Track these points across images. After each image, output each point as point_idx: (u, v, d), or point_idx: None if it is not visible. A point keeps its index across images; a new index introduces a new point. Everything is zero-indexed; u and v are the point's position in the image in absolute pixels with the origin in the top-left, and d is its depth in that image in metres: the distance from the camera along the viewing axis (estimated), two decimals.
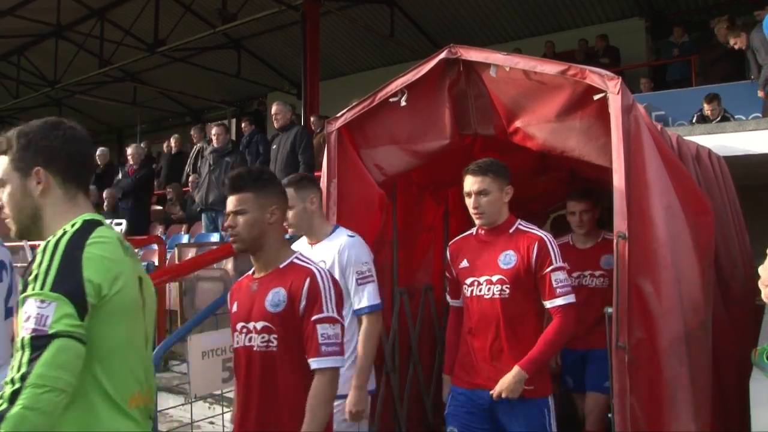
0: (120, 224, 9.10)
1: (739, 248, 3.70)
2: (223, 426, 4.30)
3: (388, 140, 3.55)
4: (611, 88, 2.71)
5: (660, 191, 2.74)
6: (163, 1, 13.39)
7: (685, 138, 3.83)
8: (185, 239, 8.97)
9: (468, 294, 3.06)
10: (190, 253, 7.12)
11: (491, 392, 2.84)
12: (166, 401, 4.93)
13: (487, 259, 3.00)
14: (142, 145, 11.48)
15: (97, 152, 11.22)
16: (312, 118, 10.29)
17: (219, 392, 4.25)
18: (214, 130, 8.46)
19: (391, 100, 3.40)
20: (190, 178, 10.04)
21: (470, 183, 2.98)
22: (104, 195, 9.99)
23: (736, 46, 8.08)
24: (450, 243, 3.32)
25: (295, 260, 2.43)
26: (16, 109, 19.67)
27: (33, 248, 8.39)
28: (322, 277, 2.34)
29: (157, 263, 6.50)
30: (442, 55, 3.24)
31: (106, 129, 22.46)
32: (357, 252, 3.12)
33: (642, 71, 11.84)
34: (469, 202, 2.99)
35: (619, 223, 2.66)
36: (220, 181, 7.98)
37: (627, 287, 2.63)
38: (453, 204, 4.31)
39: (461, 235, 3.27)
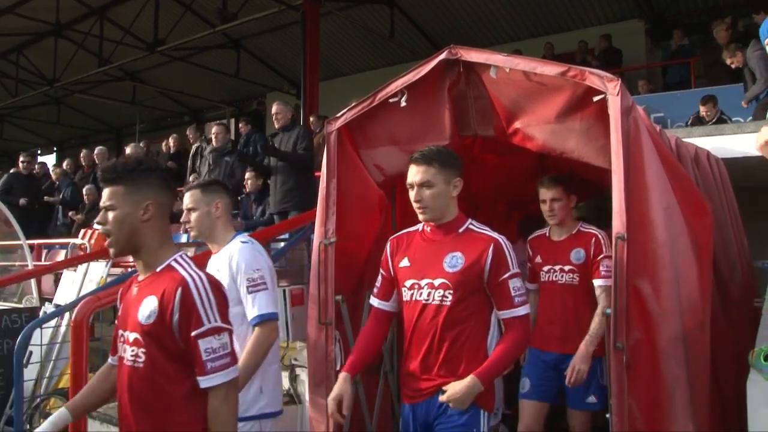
0: None
1: (738, 250, 3.71)
2: None
3: (388, 141, 3.55)
4: (611, 89, 2.71)
5: (659, 192, 2.74)
6: (163, 0, 13.39)
7: (684, 140, 3.84)
8: (184, 239, 8.95)
9: (407, 298, 2.73)
10: (189, 253, 7.09)
11: (440, 398, 2.56)
12: None
13: (432, 260, 2.69)
14: (141, 144, 11.47)
15: (96, 151, 11.23)
16: (311, 118, 10.30)
17: None
18: (213, 130, 8.45)
19: (391, 100, 3.40)
20: (190, 178, 10.03)
21: (413, 173, 2.69)
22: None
23: (733, 66, 8.03)
24: (391, 237, 2.96)
25: (173, 263, 2.15)
26: (15, 108, 19.67)
27: (31, 248, 8.39)
28: (195, 284, 2.05)
29: None
30: (442, 56, 3.24)
31: (105, 128, 22.46)
32: (248, 258, 2.97)
33: (641, 73, 11.88)
34: (411, 194, 2.70)
35: (618, 224, 2.66)
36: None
37: (625, 288, 2.63)
38: None
39: (405, 231, 2.93)
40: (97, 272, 6.67)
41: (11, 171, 11.36)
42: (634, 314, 2.64)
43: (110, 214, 2.12)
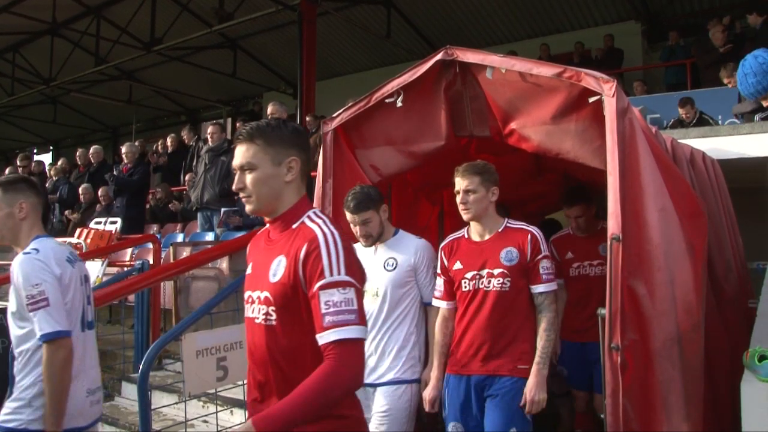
0: (115, 222, 9.08)
1: (733, 251, 3.72)
2: (217, 425, 4.30)
3: (384, 141, 3.55)
4: (606, 90, 2.72)
5: (654, 194, 2.75)
6: None
7: (680, 141, 3.85)
8: (180, 238, 8.95)
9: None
10: (185, 252, 7.10)
11: None
12: (160, 400, 4.93)
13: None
14: (136, 143, 11.46)
15: (91, 150, 11.22)
16: (307, 118, 10.29)
17: (213, 391, 4.25)
18: (209, 129, 8.44)
19: (387, 101, 3.41)
20: (186, 177, 10.03)
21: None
22: (99, 193, 9.97)
23: (730, 86, 8.07)
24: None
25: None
26: (11, 107, 19.61)
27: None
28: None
29: (152, 262, 6.49)
30: (439, 57, 3.25)
31: (102, 127, 22.41)
32: (26, 272, 2.61)
33: (638, 74, 11.90)
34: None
35: (613, 225, 2.67)
36: (215, 180, 7.98)
37: (620, 289, 2.64)
38: (448, 205, 4.32)
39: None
40: (92, 271, 6.66)
41: (7, 172, 11.35)
42: (629, 315, 2.64)
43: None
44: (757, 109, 5.04)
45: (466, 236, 3.33)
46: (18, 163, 11.02)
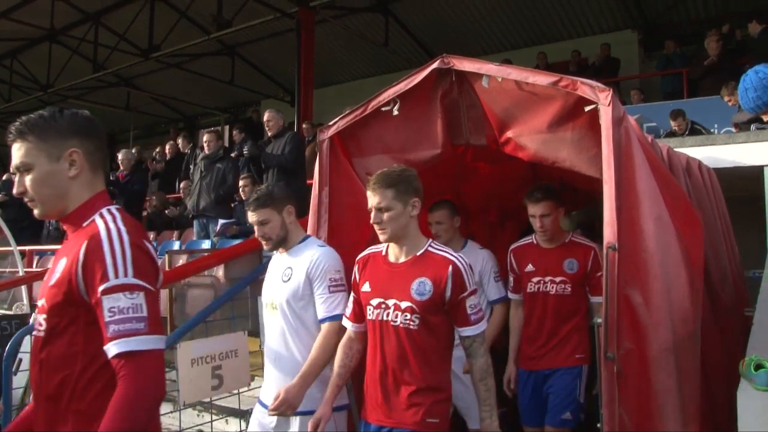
0: None
1: (729, 259, 3.72)
2: None
3: (380, 149, 3.55)
4: (602, 99, 2.72)
5: (650, 202, 2.75)
6: (158, 6, 13.41)
7: (676, 150, 3.85)
8: (176, 246, 8.93)
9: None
10: (181, 260, 7.09)
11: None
12: None
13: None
14: (133, 150, 11.46)
15: None
16: (304, 125, 10.31)
17: (208, 400, 4.23)
18: (205, 137, 8.44)
19: (383, 109, 3.40)
20: (182, 185, 10.02)
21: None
22: None
23: (731, 104, 8.07)
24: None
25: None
26: (9, 113, 19.59)
27: (23, 254, 8.34)
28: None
29: None
30: (435, 65, 3.25)
31: None
32: None
33: (635, 83, 11.94)
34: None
35: (609, 234, 2.66)
36: (211, 188, 7.97)
37: (616, 298, 2.63)
38: None
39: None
40: None
41: (4, 178, 11.31)
42: (625, 324, 2.64)
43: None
44: (754, 119, 5.06)
45: (383, 253, 2.86)
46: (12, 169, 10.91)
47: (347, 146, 3.61)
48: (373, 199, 2.72)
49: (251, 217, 3.18)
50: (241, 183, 7.68)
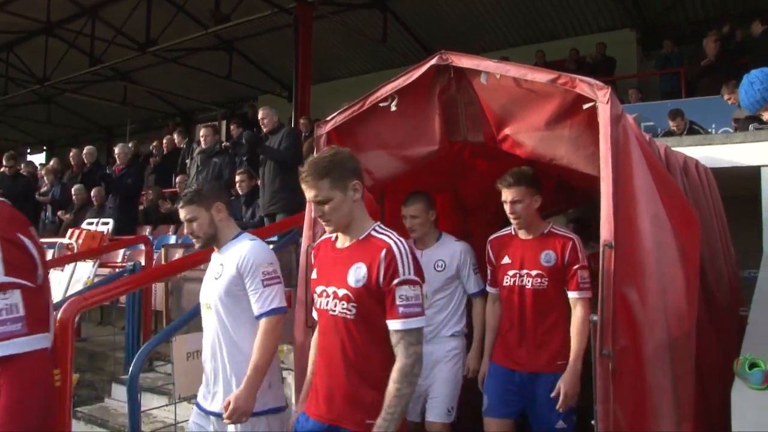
0: (107, 223, 9.04)
1: (725, 259, 3.73)
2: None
3: (378, 145, 3.54)
4: (600, 97, 2.72)
5: (647, 201, 2.75)
6: (156, 0, 13.36)
7: (673, 149, 3.86)
8: (172, 240, 8.92)
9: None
10: (177, 254, 7.07)
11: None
12: (150, 402, 4.89)
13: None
14: (129, 144, 11.43)
15: (84, 151, 11.17)
16: (302, 121, 10.30)
17: None
18: (202, 132, 8.43)
19: (381, 104, 3.39)
20: (178, 179, 10.00)
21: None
22: (92, 194, 9.92)
23: (730, 102, 8.08)
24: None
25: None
26: (5, 106, 19.54)
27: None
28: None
29: (143, 263, 6.46)
30: (433, 62, 3.24)
31: (96, 128, 22.35)
32: None
33: (633, 82, 11.96)
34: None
35: (606, 232, 2.66)
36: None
37: (612, 295, 2.64)
38: (442, 209, 4.31)
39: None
40: (84, 272, 6.64)
41: None
42: (621, 322, 2.64)
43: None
44: (753, 117, 5.06)
45: (333, 239, 2.66)
46: (4, 162, 10.78)
47: (344, 142, 3.60)
48: (308, 193, 2.47)
49: (180, 214, 3.08)
50: (237, 178, 7.67)
